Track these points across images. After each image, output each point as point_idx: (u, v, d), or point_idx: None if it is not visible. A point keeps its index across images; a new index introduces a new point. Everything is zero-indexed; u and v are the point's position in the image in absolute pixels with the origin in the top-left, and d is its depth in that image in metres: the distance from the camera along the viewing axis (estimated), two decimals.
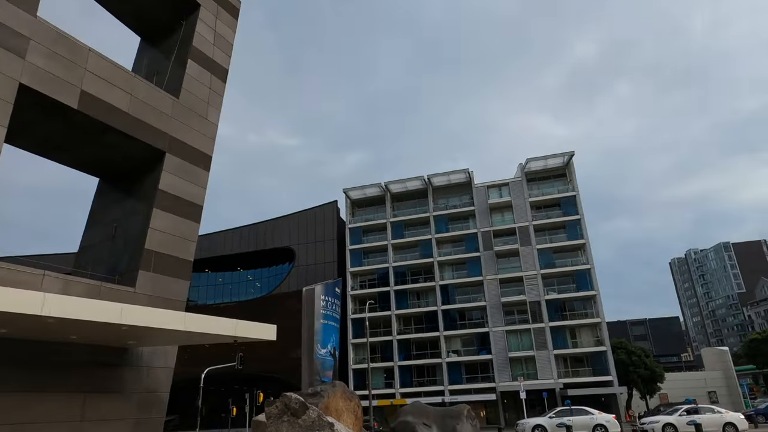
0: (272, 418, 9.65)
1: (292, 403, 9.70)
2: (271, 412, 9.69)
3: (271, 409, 9.73)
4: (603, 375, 50.89)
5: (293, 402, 9.72)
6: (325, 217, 65.01)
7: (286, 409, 9.72)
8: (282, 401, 9.88)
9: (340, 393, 11.95)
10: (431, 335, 56.75)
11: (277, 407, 9.74)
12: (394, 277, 59.96)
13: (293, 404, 9.70)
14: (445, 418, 13.30)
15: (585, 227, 56.22)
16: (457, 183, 62.46)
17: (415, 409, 13.67)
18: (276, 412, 9.68)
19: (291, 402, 9.73)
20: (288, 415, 9.65)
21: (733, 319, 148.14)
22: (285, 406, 9.75)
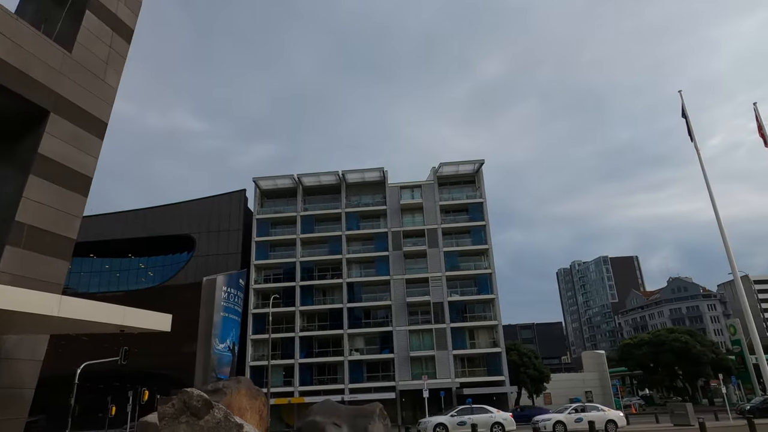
0: (167, 418, 8.33)
1: (194, 401, 8.44)
2: (165, 412, 8.36)
3: (165, 408, 8.39)
4: (497, 375, 53.34)
5: (195, 399, 8.47)
6: (231, 206, 61.80)
7: (185, 408, 8.44)
8: (181, 399, 8.57)
9: (245, 390, 10.79)
10: (335, 333, 56.01)
11: (173, 406, 8.41)
12: (301, 273, 58.45)
13: (195, 402, 8.44)
14: (356, 418, 12.64)
15: (489, 233, 58.66)
16: (371, 181, 62.35)
17: (325, 408, 12.86)
18: (172, 411, 8.37)
19: (192, 399, 8.46)
20: (187, 415, 8.38)
21: (606, 325, 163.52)
22: (184, 404, 8.46)
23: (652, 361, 53.98)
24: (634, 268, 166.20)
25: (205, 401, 8.55)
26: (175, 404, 8.63)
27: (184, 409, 8.51)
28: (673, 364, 52.61)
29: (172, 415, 8.54)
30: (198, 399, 8.58)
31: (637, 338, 60.32)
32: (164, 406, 8.84)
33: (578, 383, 63.16)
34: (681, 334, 54.54)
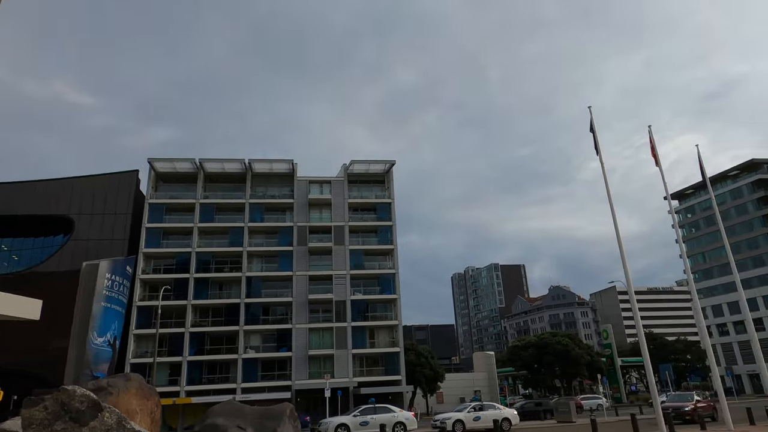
0: (35, 425, 6.56)
1: (75, 402, 6.75)
2: (33, 417, 6.57)
3: (34, 412, 6.60)
4: (394, 374, 53.72)
5: (77, 400, 6.79)
6: (120, 187, 56.02)
7: (63, 411, 6.73)
8: (57, 400, 6.84)
9: (135, 390, 9.11)
10: (230, 329, 52.95)
11: (46, 409, 6.67)
12: (197, 264, 54.55)
13: (77, 404, 6.76)
14: (263, 420, 11.39)
15: (395, 234, 59.09)
16: (279, 173, 60.01)
17: (228, 409, 11.43)
18: (43, 416, 6.62)
19: (73, 400, 6.77)
20: (65, 420, 6.68)
21: (493, 329, 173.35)
22: (62, 406, 6.74)
23: (536, 362, 57.83)
24: (521, 275, 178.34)
25: (92, 402, 6.90)
26: (48, 406, 6.88)
27: (61, 412, 6.80)
28: (554, 365, 56.76)
29: (43, 421, 6.79)
30: (82, 400, 6.90)
31: (524, 340, 64.31)
32: (32, 409, 7.04)
33: (468, 383, 65.76)
34: (562, 338, 59.06)
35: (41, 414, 6.70)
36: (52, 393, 7.32)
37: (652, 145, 25.08)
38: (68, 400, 6.91)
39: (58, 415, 6.73)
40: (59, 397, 6.92)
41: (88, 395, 7.05)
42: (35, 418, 6.69)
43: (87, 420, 6.85)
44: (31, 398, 7.39)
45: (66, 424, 6.71)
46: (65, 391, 7.05)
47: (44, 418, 6.65)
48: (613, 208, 21.95)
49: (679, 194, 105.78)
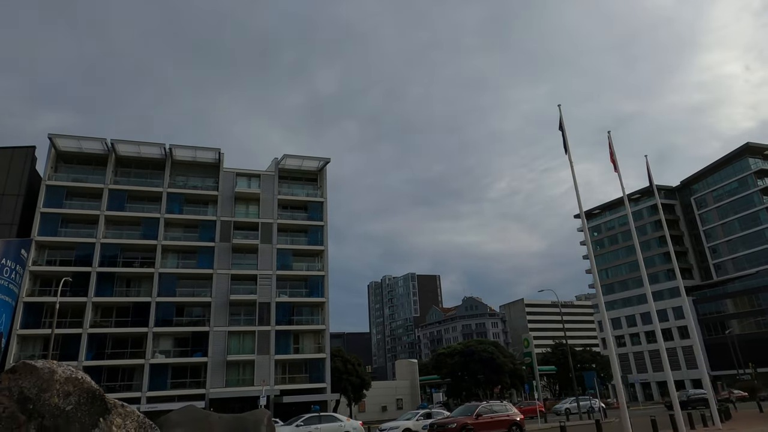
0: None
1: (53, 394, 5.02)
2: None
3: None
4: (319, 382, 50.90)
5: (58, 390, 5.03)
6: (12, 165, 48.55)
7: (21, 410, 4.84)
8: (11, 388, 4.97)
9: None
10: (137, 330, 47.35)
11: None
12: (101, 257, 48.37)
13: (56, 397, 5.01)
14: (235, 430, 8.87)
15: (326, 235, 56.59)
16: (203, 162, 55.28)
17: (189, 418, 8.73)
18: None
19: (48, 389, 5.02)
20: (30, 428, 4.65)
21: (407, 337, 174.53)
22: (20, 402, 4.91)
23: (462, 370, 57.83)
24: (436, 286, 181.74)
25: (87, 395, 5.40)
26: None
27: (16, 413, 4.73)
28: (479, 373, 57.07)
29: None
30: (67, 389, 5.25)
31: (450, 348, 64.27)
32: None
33: (391, 391, 64.41)
34: (488, 345, 59.69)
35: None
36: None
37: (611, 150, 25.25)
38: (36, 389, 4.90)
39: (12, 420, 4.70)
40: (16, 382, 4.90)
41: (81, 380, 5.18)
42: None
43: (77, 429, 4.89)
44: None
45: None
46: (28, 369, 4.96)
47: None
48: (583, 214, 21.55)
49: (587, 214, 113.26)
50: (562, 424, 19.25)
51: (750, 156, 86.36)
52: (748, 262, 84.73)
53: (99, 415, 5.22)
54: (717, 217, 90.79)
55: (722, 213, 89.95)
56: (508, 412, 25.17)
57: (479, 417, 23.67)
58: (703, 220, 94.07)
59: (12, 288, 34.39)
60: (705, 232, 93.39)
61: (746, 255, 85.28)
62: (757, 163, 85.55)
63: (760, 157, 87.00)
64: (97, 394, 5.26)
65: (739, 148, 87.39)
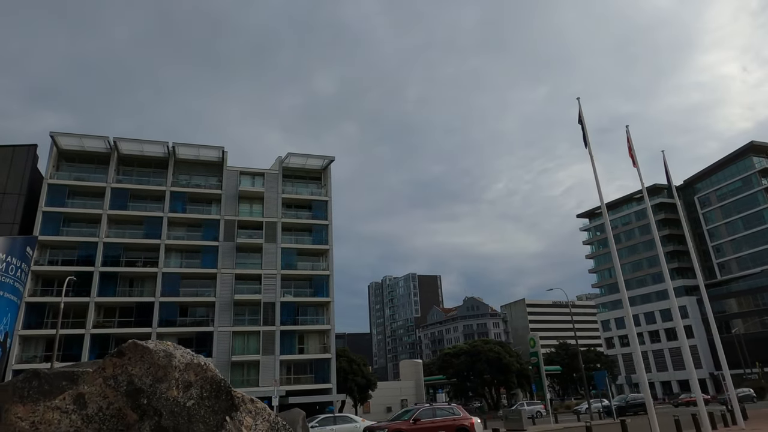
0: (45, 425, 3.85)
1: (171, 385, 4.29)
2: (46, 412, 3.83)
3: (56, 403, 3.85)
4: (324, 382, 50.31)
5: (175, 378, 4.34)
6: (14, 163, 47.93)
7: (129, 396, 4.25)
8: (123, 366, 4.33)
9: None
10: (141, 331, 46.59)
11: (106, 382, 4.23)
12: (104, 256, 47.75)
13: (175, 389, 4.28)
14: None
15: (331, 234, 56.03)
16: (206, 161, 54.68)
17: None
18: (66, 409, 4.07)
19: (165, 377, 4.30)
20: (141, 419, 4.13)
21: (408, 338, 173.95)
22: (130, 386, 4.31)
23: (468, 370, 57.32)
24: (437, 286, 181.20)
25: (212, 387, 4.54)
26: (110, 376, 4.37)
27: (122, 399, 4.21)
28: (486, 372, 56.55)
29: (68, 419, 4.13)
30: (188, 380, 4.39)
31: (456, 347, 63.71)
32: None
33: (396, 391, 63.85)
34: (494, 345, 59.18)
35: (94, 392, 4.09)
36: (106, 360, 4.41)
37: (629, 145, 24.80)
38: (149, 378, 4.15)
39: (119, 420, 4.04)
40: (124, 368, 4.19)
41: (204, 368, 4.41)
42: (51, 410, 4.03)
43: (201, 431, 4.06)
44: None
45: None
46: (139, 352, 4.28)
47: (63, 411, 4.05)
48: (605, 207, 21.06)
49: (589, 213, 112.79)
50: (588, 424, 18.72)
51: (754, 155, 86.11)
52: (752, 261, 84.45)
53: (225, 413, 4.31)
54: (720, 216, 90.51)
55: (726, 212, 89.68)
56: (454, 416, 22.86)
57: (417, 422, 21.57)
58: (706, 219, 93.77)
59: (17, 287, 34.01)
60: (708, 231, 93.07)
61: (750, 254, 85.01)
62: (761, 162, 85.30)
63: (764, 156, 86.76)
64: (222, 386, 4.47)
65: (743, 147, 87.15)
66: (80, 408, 3.88)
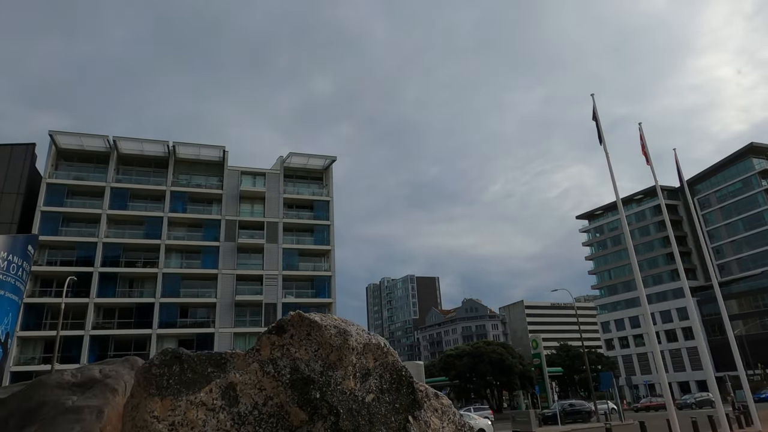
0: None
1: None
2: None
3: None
4: None
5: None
6: (12, 162, 47.26)
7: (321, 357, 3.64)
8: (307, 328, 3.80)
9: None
10: (140, 332, 46.12)
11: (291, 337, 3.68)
12: (103, 257, 47.10)
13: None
14: None
15: (333, 234, 55.55)
16: (207, 160, 54.11)
17: None
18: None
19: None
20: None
21: (406, 340, 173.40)
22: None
23: (471, 372, 56.84)
24: (435, 288, 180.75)
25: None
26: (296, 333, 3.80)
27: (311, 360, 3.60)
28: (489, 374, 56.09)
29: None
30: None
31: (458, 349, 63.20)
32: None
33: None
34: (497, 347, 58.71)
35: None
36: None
37: (642, 143, 24.46)
38: (320, 364, 3.44)
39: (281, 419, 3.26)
40: (286, 350, 3.51)
41: (384, 350, 3.73)
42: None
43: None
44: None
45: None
46: (305, 328, 3.65)
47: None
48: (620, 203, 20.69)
49: (589, 215, 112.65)
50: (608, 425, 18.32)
51: (754, 156, 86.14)
52: (752, 262, 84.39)
53: (407, 411, 3.47)
54: (721, 218, 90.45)
55: (726, 213, 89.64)
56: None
57: None
58: (706, 220, 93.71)
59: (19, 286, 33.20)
60: (708, 233, 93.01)
61: (751, 255, 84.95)
62: (761, 163, 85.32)
63: (764, 157, 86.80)
64: (404, 375, 3.63)
65: (743, 149, 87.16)
66: (230, 404, 3.18)
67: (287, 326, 3.59)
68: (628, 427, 30.46)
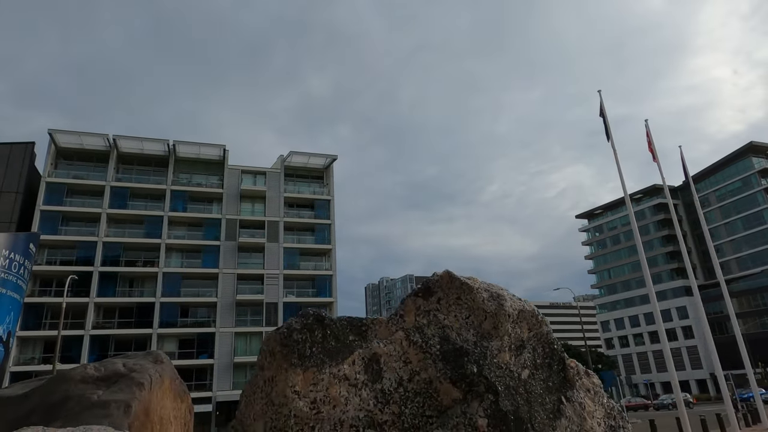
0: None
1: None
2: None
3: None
4: None
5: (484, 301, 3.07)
6: (11, 161, 46.93)
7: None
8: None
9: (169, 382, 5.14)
10: (141, 332, 45.83)
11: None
12: (103, 256, 46.79)
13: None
14: None
15: (334, 233, 55.33)
16: (207, 159, 53.86)
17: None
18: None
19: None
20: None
21: None
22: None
23: None
24: None
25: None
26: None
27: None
28: None
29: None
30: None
31: None
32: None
33: None
34: None
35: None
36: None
37: (649, 140, 24.33)
38: (472, 333, 2.95)
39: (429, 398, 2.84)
40: (433, 316, 3.05)
41: (538, 319, 3.23)
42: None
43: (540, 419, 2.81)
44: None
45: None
46: (455, 290, 3.13)
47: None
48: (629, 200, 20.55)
49: (589, 214, 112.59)
50: None
51: (753, 155, 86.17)
52: (752, 261, 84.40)
53: (560, 391, 3.03)
54: (720, 217, 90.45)
55: (725, 212, 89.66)
56: None
57: None
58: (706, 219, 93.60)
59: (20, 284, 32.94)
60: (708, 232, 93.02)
61: (750, 254, 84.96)
62: (760, 162, 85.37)
63: (764, 156, 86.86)
64: (556, 349, 3.19)
65: (742, 148, 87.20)
66: (373, 379, 2.78)
67: (434, 288, 3.15)
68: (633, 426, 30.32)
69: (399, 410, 2.81)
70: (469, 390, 2.76)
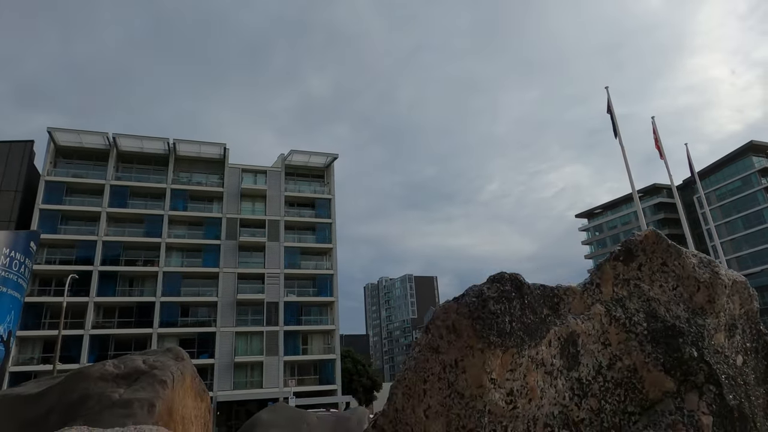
0: None
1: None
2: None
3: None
4: (329, 384, 49.30)
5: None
6: (10, 160, 46.59)
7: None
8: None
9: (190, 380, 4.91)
10: (141, 332, 45.54)
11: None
12: (103, 255, 46.47)
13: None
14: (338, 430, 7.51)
15: (335, 232, 55.10)
16: (207, 158, 53.57)
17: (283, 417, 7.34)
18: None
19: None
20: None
21: (404, 339, 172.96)
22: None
23: None
24: (434, 287, 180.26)
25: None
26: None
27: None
28: None
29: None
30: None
31: None
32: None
33: None
34: None
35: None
36: None
37: (655, 137, 24.17)
38: (689, 307, 2.47)
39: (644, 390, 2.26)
40: (639, 284, 2.55)
41: (750, 293, 2.93)
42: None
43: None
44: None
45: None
46: (660, 249, 2.60)
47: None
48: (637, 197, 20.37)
49: (588, 213, 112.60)
50: None
51: (753, 154, 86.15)
52: (752, 260, 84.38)
53: (767, 382, 2.51)
54: (720, 216, 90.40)
55: (725, 211, 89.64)
56: None
57: None
58: (705, 218, 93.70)
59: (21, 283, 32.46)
60: (708, 231, 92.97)
61: (750, 254, 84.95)
62: (760, 161, 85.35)
63: (764, 156, 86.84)
64: (762, 330, 2.63)
65: (743, 147, 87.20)
66: (569, 366, 2.29)
67: (636, 251, 2.55)
68: None
69: (598, 405, 2.32)
70: (684, 380, 2.29)
